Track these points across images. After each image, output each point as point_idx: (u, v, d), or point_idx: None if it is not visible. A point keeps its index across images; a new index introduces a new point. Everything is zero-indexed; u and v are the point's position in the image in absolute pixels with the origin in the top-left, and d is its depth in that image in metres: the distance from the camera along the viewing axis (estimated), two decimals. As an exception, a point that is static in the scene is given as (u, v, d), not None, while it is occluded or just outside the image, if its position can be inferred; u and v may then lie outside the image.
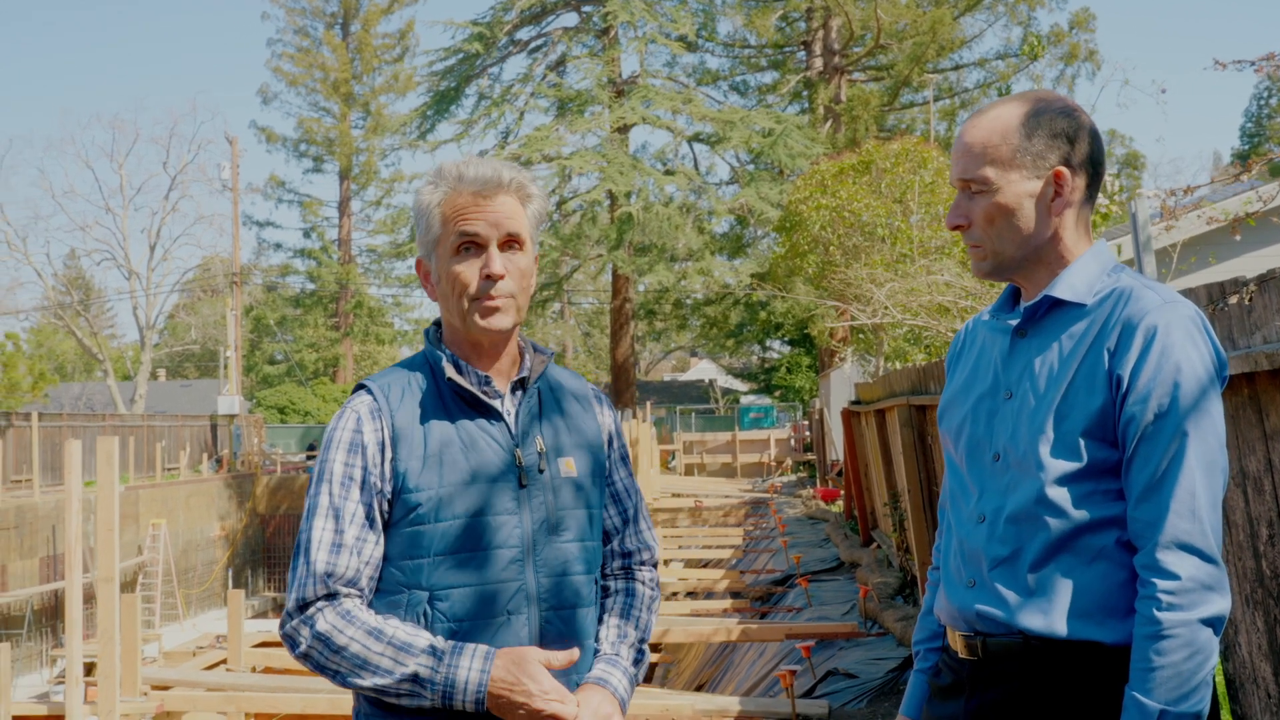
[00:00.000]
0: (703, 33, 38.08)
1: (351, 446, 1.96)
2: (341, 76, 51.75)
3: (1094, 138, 1.97)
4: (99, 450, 6.72)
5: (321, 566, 1.91)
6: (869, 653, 7.74)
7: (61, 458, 26.34)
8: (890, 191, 16.02)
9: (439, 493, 1.95)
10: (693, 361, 70.87)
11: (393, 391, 2.01)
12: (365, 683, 1.88)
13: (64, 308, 48.16)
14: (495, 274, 1.99)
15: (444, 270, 2.01)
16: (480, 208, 2.00)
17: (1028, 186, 1.94)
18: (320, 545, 1.93)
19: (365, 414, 1.99)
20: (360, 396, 2.02)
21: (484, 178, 2.01)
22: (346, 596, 1.92)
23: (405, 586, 1.94)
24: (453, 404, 2.02)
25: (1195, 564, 1.78)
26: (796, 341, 41.59)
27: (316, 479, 1.96)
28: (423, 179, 2.05)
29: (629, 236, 34.58)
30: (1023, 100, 1.98)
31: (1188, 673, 1.76)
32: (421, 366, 2.06)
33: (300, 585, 1.92)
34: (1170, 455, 1.81)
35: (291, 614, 1.92)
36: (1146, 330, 1.83)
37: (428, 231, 2.03)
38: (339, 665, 1.88)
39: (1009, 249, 1.97)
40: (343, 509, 1.93)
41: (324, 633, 1.89)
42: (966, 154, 1.97)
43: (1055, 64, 33.58)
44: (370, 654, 1.88)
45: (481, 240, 2.00)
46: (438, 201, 2.02)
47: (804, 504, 20.92)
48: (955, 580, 2.04)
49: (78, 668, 6.96)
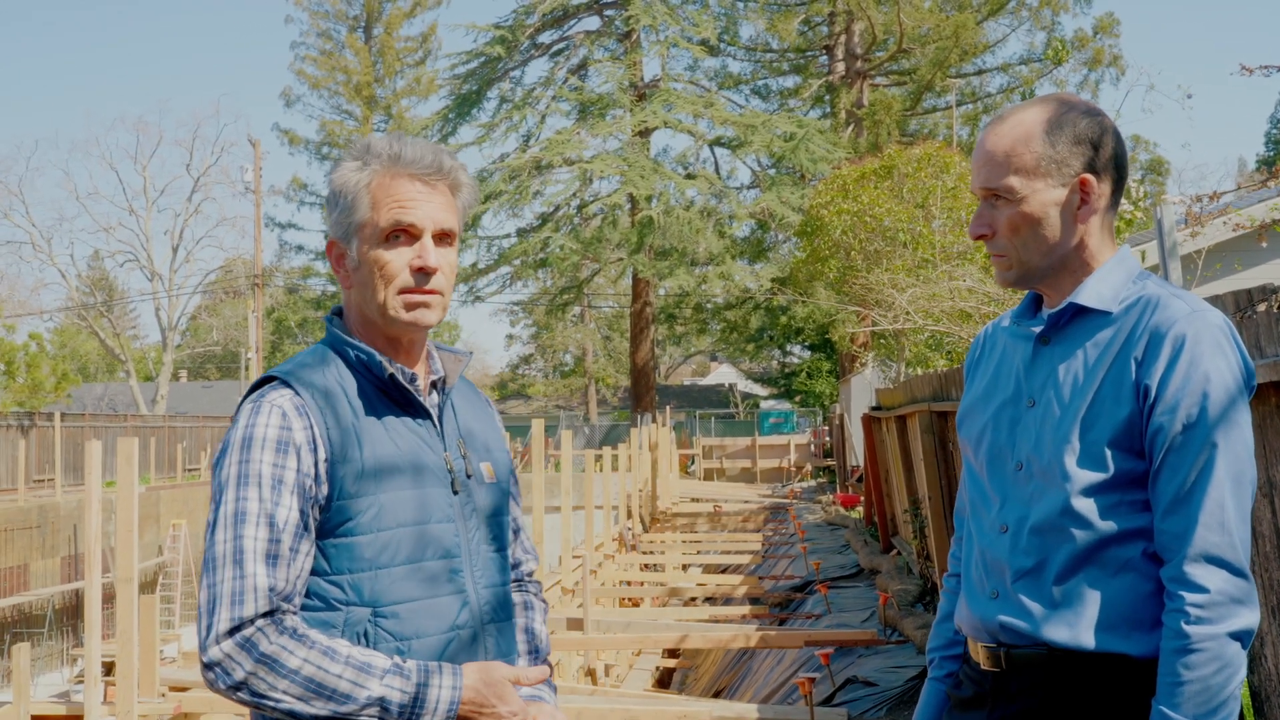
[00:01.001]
0: (724, 36, 38.10)
1: (280, 446, 1.74)
2: (364, 79, 51.95)
3: (1117, 140, 1.94)
4: (119, 451, 6.74)
5: (263, 580, 1.68)
6: (889, 661, 7.69)
7: (83, 458, 26.50)
8: (912, 196, 15.95)
9: (379, 498, 1.77)
10: (712, 366, 70.83)
11: (314, 386, 1.80)
12: (316, 711, 1.65)
13: (87, 308, 48.48)
14: (430, 267, 1.84)
15: (368, 257, 1.83)
16: (417, 196, 1.84)
17: (1053, 195, 1.90)
18: (255, 555, 1.69)
19: (290, 410, 1.77)
20: (278, 390, 1.79)
21: (425, 162, 1.86)
22: (287, 613, 1.71)
23: (342, 604, 1.75)
24: (378, 402, 1.85)
25: (1224, 577, 1.75)
26: (817, 346, 41.50)
27: (238, 481, 1.73)
28: (346, 152, 1.90)
29: (649, 240, 34.59)
30: (1044, 104, 1.94)
31: (1216, 687, 1.73)
32: (330, 359, 1.87)
33: (233, 602, 1.67)
34: (1199, 467, 1.77)
35: (219, 638, 1.66)
36: (1175, 339, 1.79)
37: (350, 212, 1.85)
38: (285, 692, 1.64)
39: (1035, 258, 1.93)
40: (276, 515, 1.71)
41: (270, 654, 1.65)
42: (989, 162, 1.93)
43: (1079, 69, 33.43)
44: (327, 676, 1.65)
45: (416, 230, 1.84)
46: (366, 181, 1.84)
47: (824, 510, 20.85)
48: (977, 591, 2.00)
49: (96, 667, 6.98)
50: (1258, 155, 61.37)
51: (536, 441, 12.23)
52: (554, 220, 37.99)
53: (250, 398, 1.82)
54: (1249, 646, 1.77)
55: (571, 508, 14.66)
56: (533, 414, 49.71)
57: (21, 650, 7.40)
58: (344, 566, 1.77)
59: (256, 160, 37.65)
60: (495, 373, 68.76)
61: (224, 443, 1.80)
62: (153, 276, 47.37)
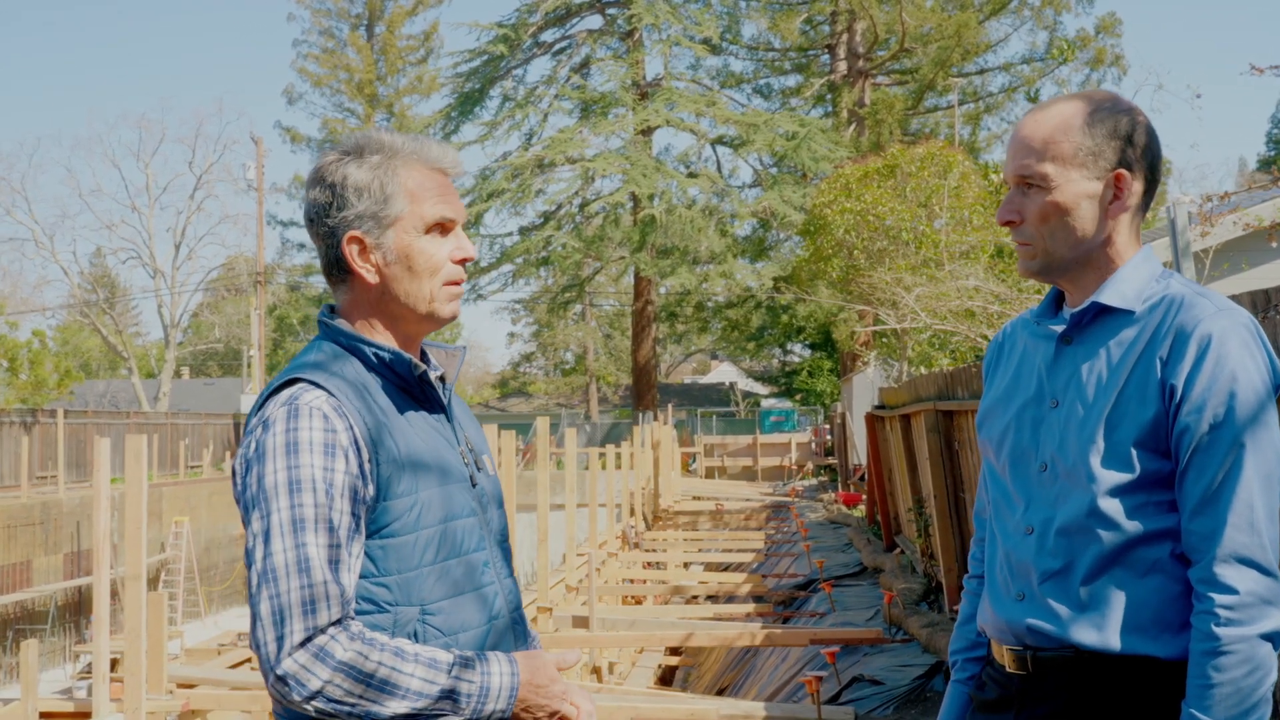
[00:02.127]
0: (727, 35, 38.09)
1: (327, 449, 1.72)
2: (366, 77, 51.93)
3: (1154, 141, 1.93)
4: (128, 448, 6.74)
5: (333, 587, 1.67)
6: (894, 659, 7.69)
7: (86, 455, 26.53)
8: (915, 196, 15.97)
9: (419, 497, 1.79)
10: (713, 364, 70.80)
11: (345, 387, 1.79)
12: (392, 711, 1.66)
13: (90, 305, 48.50)
14: (472, 256, 1.91)
15: (412, 249, 1.84)
16: (449, 189, 1.89)
17: (1087, 187, 1.89)
18: (320, 562, 1.67)
19: (330, 412, 1.74)
20: (312, 391, 1.76)
21: (450, 159, 1.91)
22: (353, 619, 1.70)
23: (391, 605, 1.75)
24: (401, 399, 1.85)
25: (1254, 578, 1.74)
26: (818, 345, 41.50)
27: (290, 487, 1.69)
28: (351, 147, 1.87)
29: (651, 239, 34.59)
30: (1084, 98, 1.94)
31: (1247, 689, 1.72)
32: (346, 358, 1.85)
33: (305, 612, 1.65)
34: (1226, 467, 1.76)
35: (292, 649, 1.64)
36: (1201, 339, 1.79)
37: (384, 204, 1.83)
38: (362, 696, 1.65)
39: (1061, 249, 1.92)
40: (334, 519, 1.69)
41: (348, 662, 1.64)
42: (1025, 149, 1.92)
43: (1081, 69, 33.41)
44: (400, 676, 1.67)
45: (452, 224, 1.88)
46: (396, 174, 1.85)
47: (825, 508, 20.85)
48: (1002, 593, 1.99)
49: (104, 664, 6.98)
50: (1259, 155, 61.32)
51: (541, 438, 12.22)
52: (556, 219, 37.99)
53: (278, 400, 1.78)
54: (1279, 648, 1.77)
55: (575, 505, 14.66)
56: (534, 412, 49.72)
57: (30, 647, 7.40)
58: (391, 567, 1.77)
59: (259, 158, 37.65)
60: (496, 371, 68.74)
61: (257, 449, 1.74)
62: (155, 274, 47.39)
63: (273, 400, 1.78)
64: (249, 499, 1.73)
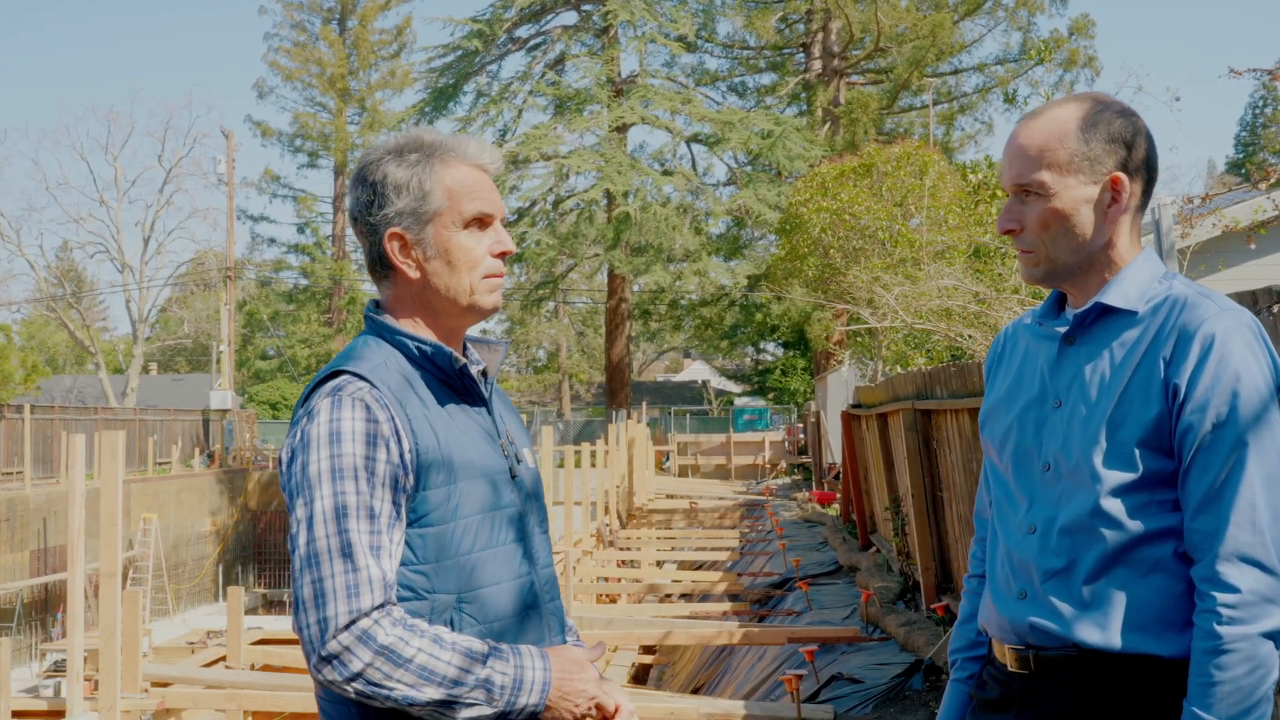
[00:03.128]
0: (702, 33, 38.10)
1: (369, 438, 1.77)
2: (338, 72, 51.66)
3: (1150, 143, 1.93)
4: (103, 445, 6.67)
5: (375, 572, 1.72)
6: (872, 658, 7.71)
7: (53, 451, 26.24)
8: (891, 195, 16.02)
9: (459, 486, 1.84)
10: (686, 362, 70.87)
11: (387, 377, 1.84)
12: (428, 696, 1.71)
13: (56, 300, 48.00)
14: (511, 250, 1.96)
15: (451, 244, 1.90)
16: (487, 184, 1.95)
17: (1085, 192, 1.89)
18: (362, 548, 1.72)
19: (372, 402, 1.80)
20: (355, 383, 1.81)
21: (488, 155, 1.97)
22: (394, 605, 1.75)
23: (429, 592, 1.80)
24: (442, 392, 1.90)
25: (1256, 576, 1.74)
26: (791, 344, 41.59)
27: (332, 475, 1.75)
28: (393, 147, 1.94)
29: (626, 236, 34.57)
30: (1079, 102, 1.94)
31: (1249, 688, 1.73)
32: (389, 352, 1.90)
33: (349, 595, 1.70)
34: (1229, 466, 1.77)
35: (337, 632, 1.69)
36: (1204, 338, 1.79)
37: (423, 200, 1.89)
38: (400, 681, 1.69)
39: (1063, 255, 1.93)
40: (375, 507, 1.75)
41: (389, 646, 1.69)
42: (1021, 157, 1.92)
43: (1054, 70, 33.63)
44: (438, 664, 1.71)
45: (489, 219, 1.94)
46: (434, 171, 1.91)
47: (799, 507, 20.90)
48: (1004, 592, 1.99)
49: (79, 662, 6.91)
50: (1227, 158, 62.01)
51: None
52: (530, 215, 37.89)
53: (322, 391, 1.83)
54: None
55: (552, 503, 14.63)
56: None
57: (1, 646, 7.31)
58: (429, 555, 1.82)
59: (229, 152, 37.36)
60: (468, 368, 68.31)
61: (302, 439, 1.80)
62: (123, 268, 46.94)
63: (318, 391, 1.84)
64: (293, 487, 1.79)
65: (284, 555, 31.41)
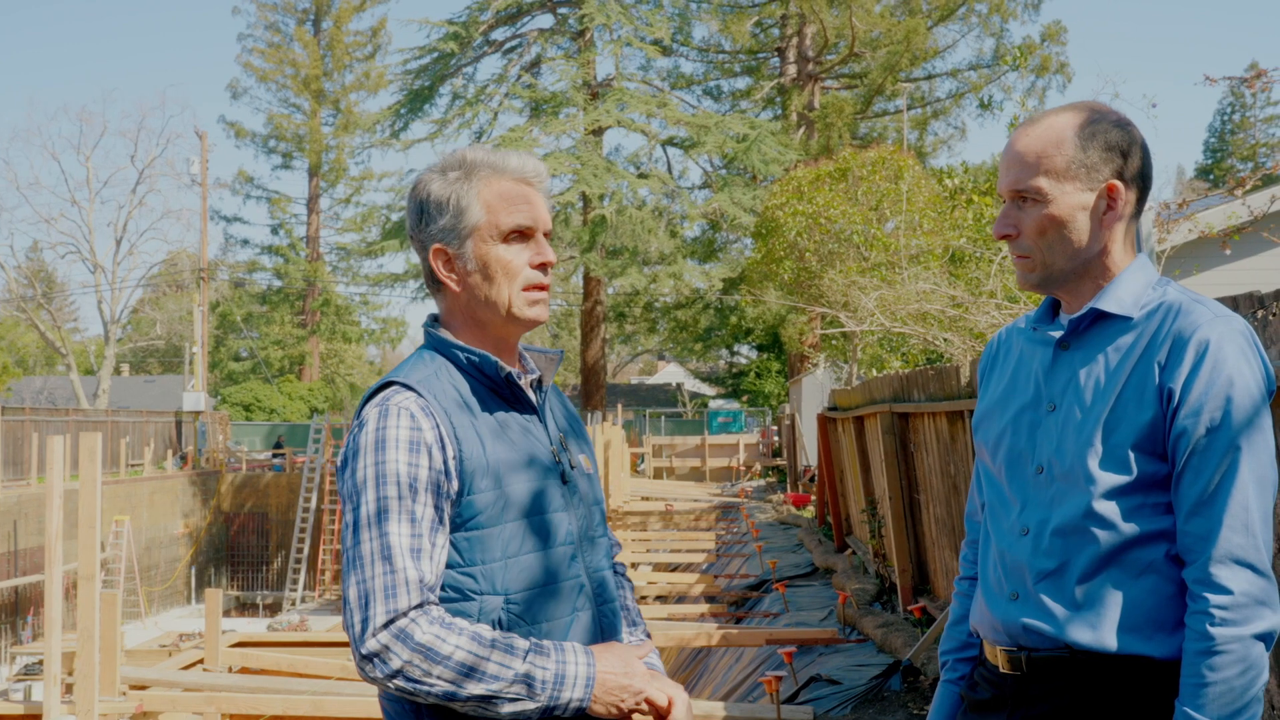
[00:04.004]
0: (678, 37, 38.14)
1: (413, 446, 1.85)
2: (312, 73, 51.40)
3: (1145, 153, 1.96)
4: (81, 447, 6.63)
5: (413, 573, 1.80)
6: (850, 659, 7.75)
7: (24, 453, 25.99)
8: (866, 199, 16.09)
9: (505, 492, 1.90)
10: (660, 365, 70.92)
11: (434, 389, 1.92)
12: (469, 692, 1.77)
13: (26, 300, 47.53)
14: (552, 261, 2.02)
15: (489, 257, 1.97)
16: (528, 198, 2.01)
17: (1081, 199, 1.92)
18: (402, 551, 1.80)
19: (417, 411, 1.88)
20: (403, 393, 1.90)
21: (530, 168, 2.03)
22: (433, 604, 1.82)
23: (476, 593, 1.87)
24: (491, 401, 1.98)
25: (1248, 578, 1.77)
26: (766, 346, 41.70)
27: (376, 481, 1.83)
28: (440, 166, 2.03)
29: (601, 239, 34.56)
30: (1078, 110, 1.97)
31: (1240, 688, 1.76)
32: (440, 363, 1.99)
33: (387, 596, 1.78)
34: (1223, 469, 1.80)
35: (375, 630, 1.76)
36: (1198, 344, 1.82)
37: (461, 216, 1.97)
38: (439, 677, 1.76)
39: (1059, 261, 1.95)
40: (416, 511, 1.83)
41: (426, 644, 1.76)
42: (1019, 163, 1.95)
43: (1027, 76, 33.87)
44: (477, 660, 1.77)
45: (531, 231, 2.00)
46: (475, 187, 1.99)
47: (774, 509, 20.94)
48: (996, 593, 2.02)
49: (56, 665, 6.84)
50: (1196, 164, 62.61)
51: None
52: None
53: (373, 402, 1.92)
54: (1272, 648, 1.80)
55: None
56: (481, 412, 49.32)
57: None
58: (476, 558, 1.88)
59: (203, 152, 37.14)
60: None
61: (352, 446, 1.90)
62: (95, 269, 46.54)
63: (370, 402, 1.94)
64: (345, 492, 1.89)
65: (257, 558, 31.24)
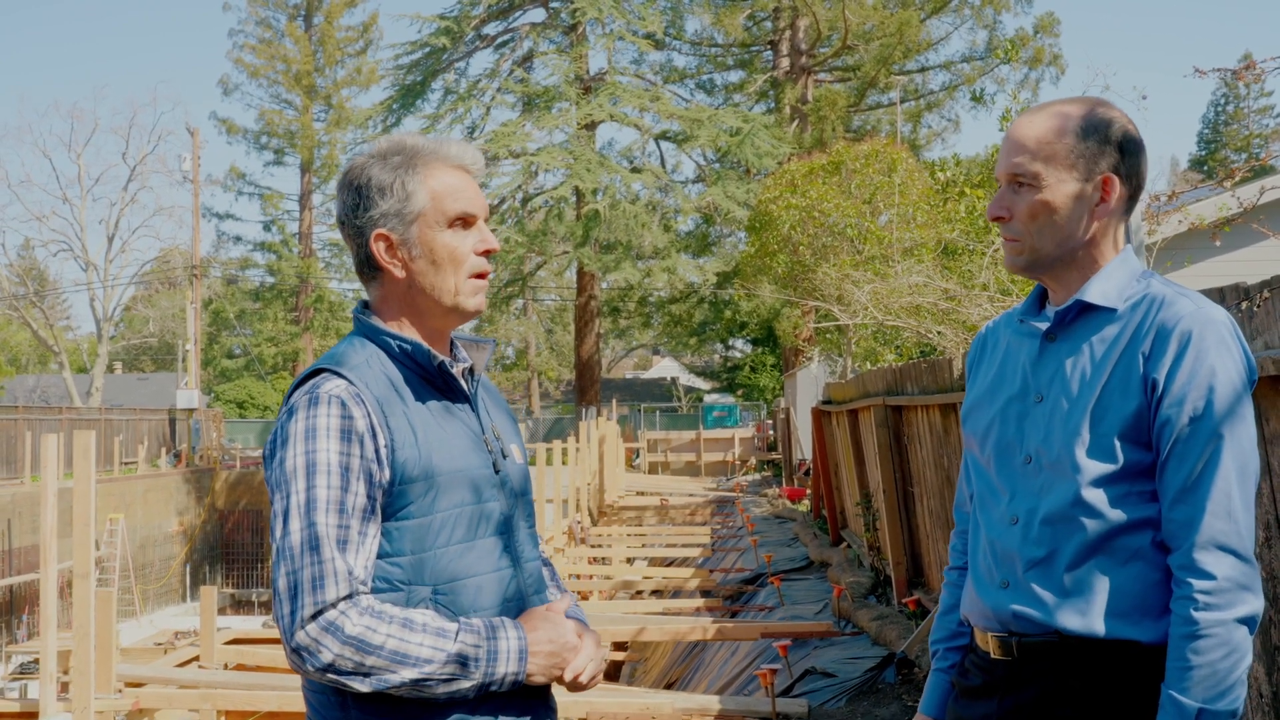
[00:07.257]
0: (670, 31, 38.13)
1: (343, 434, 1.81)
2: (304, 69, 51.32)
3: (1141, 152, 2.01)
4: (75, 445, 6.63)
5: (341, 565, 1.76)
6: (845, 652, 7.77)
7: (17, 451, 25.94)
8: (860, 193, 16.11)
9: (436, 481, 1.87)
10: (654, 359, 70.95)
11: (366, 376, 1.88)
12: (403, 678, 1.75)
13: (18, 299, 47.46)
14: (495, 248, 2.01)
15: (435, 243, 1.95)
16: (470, 186, 2.00)
17: (1075, 188, 1.96)
18: (330, 541, 1.76)
19: (348, 399, 1.84)
20: (333, 380, 1.86)
21: (469, 157, 2.02)
22: (363, 594, 1.79)
23: (404, 583, 1.84)
24: (423, 389, 1.95)
25: (1231, 563, 1.81)
26: (760, 341, 41.72)
27: (306, 470, 1.79)
28: (376, 151, 1.99)
29: (595, 233, 34.57)
30: (1081, 102, 2.01)
31: (1224, 671, 1.79)
32: (372, 350, 1.95)
33: (314, 588, 1.75)
34: (1206, 457, 1.83)
35: (303, 623, 1.74)
36: (1181, 335, 1.86)
37: (406, 201, 1.94)
38: (372, 666, 1.74)
39: (1047, 246, 1.99)
40: (345, 501, 1.79)
41: (356, 635, 1.74)
42: (1018, 148, 1.99)
43: (1020, 68, 33.91)
44: (409, 645, 1.76)
45: (472, 219, 1.99)
46: (417, 173, 1.95)
47: (770, 503, 20.98)
48: (986, 581, 2.05)
49: (52, 664, 6.86)
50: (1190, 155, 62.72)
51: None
52: (499, 213, 37.83)
53: (302, 389, 1.89)
54: (1255, 631, 1.83)
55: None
56: (475, 407, 49.32)
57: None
58: (405, 548, 1.86)
59: (195, 149, 37.06)
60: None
61: (280, 434, 1.86)
62: (87, 266, 46.47)
63: (299, 389, 1.90)
64: (273, 481, 1.85)
65: (252, 555, 31.22)
